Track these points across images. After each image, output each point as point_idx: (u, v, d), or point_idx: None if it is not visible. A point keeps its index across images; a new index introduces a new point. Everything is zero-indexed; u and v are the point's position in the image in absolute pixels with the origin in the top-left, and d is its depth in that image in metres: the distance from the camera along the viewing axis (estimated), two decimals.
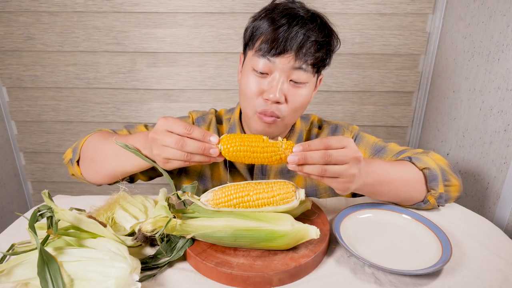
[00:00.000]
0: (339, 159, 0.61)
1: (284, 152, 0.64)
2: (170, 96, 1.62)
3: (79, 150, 0.84)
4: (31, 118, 1.65)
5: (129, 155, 0.74)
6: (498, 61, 1.07)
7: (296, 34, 0.74)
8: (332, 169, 0.61)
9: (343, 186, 0.64)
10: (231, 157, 0.65)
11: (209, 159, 0.65)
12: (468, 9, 1.25)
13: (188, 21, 1.50)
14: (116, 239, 0.61)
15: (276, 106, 0.78)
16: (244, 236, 0.62)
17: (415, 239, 0.70)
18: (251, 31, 0.80)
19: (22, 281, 0.55)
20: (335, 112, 1.63)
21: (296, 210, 0.70)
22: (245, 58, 0.84)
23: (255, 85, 0.78)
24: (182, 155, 0.63)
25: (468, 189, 1.18)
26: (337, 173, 0.62)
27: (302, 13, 0.77)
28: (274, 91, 0.76)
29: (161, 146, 0.64)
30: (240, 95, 0.84)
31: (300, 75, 0.77)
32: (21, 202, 1.78)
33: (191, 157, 0.64)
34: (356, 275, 0.62)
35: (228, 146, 0.64)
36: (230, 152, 0.64)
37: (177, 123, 0.64)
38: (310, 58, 0.76)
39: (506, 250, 0.69)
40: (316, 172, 0.61)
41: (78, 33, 1.50)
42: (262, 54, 0.76)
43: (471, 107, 1.20)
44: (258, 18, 0.79)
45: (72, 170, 0.86)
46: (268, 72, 0.77)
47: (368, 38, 1.50)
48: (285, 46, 0.74)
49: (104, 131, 0.89)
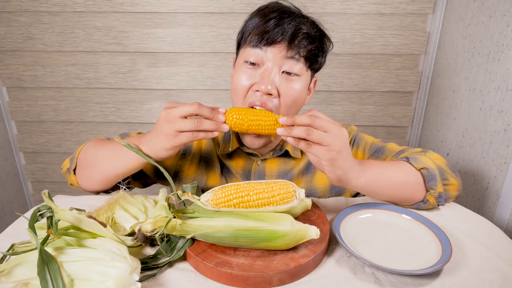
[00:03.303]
0: (324, 125, 0.64)
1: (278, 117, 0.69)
2: (170, 96, 1.62)
3: (75, 158, 0.84)
4: (31, 118, 1.65)
5: (121, 157, 0.75)
6: (498, 61, 1.07)
7: (288, 25, 0.75)
8: (317, 132, 0.64)
9: (329, 155, 0.65)
10: (233, 124, 0.70)
11: (217, 126, 0.68)
12: (468, 9, 1.25)
13: (188, 21, 1.50)
14: (116, 239, 0.61)
15: (268, 98, 0.77)
16: (244, 236, 0.62)
17: (415, 239, 0.70)
18: (242, 30, 0.82)
19: (22, 281, 0.55)
20: (335, 112, 1.63)
21: (296, 210, 0.70)
22: (238, 56, 0.85)
23: (246, 78, 0.78)
24: (192, 122, 0.66)
25: (468, 189, 1.18)
26: (320, 138, 0.64)
27: (294, 9, 0.79)
28: (266, 82, 0.75)
29: (175, 117, 0.67)
30: (231, 92, 0.84)
31: (292, 66, 0.77)
32: (21, 202, 1.78)
33: (202, 123, 0.67)
34: (356, 275, 0.62)
35: (232, 114, 0.70)
36: (233, 119, 0.70)
37: (186, 103, 0.68)
38: (302, 50, 0.77)
39: (506, 250, 0.69)
40: (303, 133, 0.64)
41: (78, 33, 1.50)
42: (254, 45, 0.77)
43: (471, 107, 1.20)
44: (250, 18, 0.81)
45: (70, 180, 0.86)
46: (260, 63, 0.77)
47: (368, 38, 1.50)
48: (277, 35, 0.75)
49: (99, 139, 0.89)
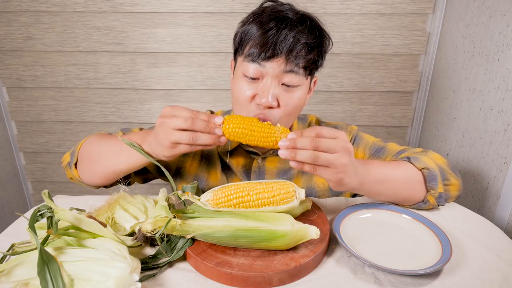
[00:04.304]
0: (329, 146, 0.61)
1: (280, 135, 0.66)
2: (170, 96, 1.62)
3: (76, 153, 0.84)
4: (31, 118, 1.65)
5: (123, 153, 0.75)
6: (498, 61, 1.07)
7: (286, 37, 0.73)
8: (323, 156, 0.61)
9: (336, 177, 0.64)
10: (231, 135, 0.67)
11: (213, 141, 0.67)
12: (468, 9, 1.25)
13: (188, 21, 1.50)
14: (116, 239, 0.61)
15: (269, 111, 0.77)
16: (244, 236, 0.62)
17: (415, 239, 0.70)
18: (240, 37, 0.79)
19: (22, 281, 0.55)
20: (335, 112, 1.63)
21: (296, 210, 0.70)
22: (236, 63, 0.83)
23: (247, 91, 0.78)
24: (188, 137, 0.65)
25: (468, 189, 1.18)
26: (328, 161, 0.61)
27: (291, 15, 0.76)
28: (266, 95, 0.75)
29: (169, 129, 0.65)
30: (232, 101, 0.84)
31: (291, 79, 0.76)
32: (21, 202, 1.78)
33: (197, 138, 0.65)
34: (356, 275, 0.62)
35: (230, 124, 0.67)
36: (231, 129, 0.67)
37: (183, 108, 0.67)
38: (301, 61, 0.75)
39: (506, 250, 0.69)
40: (309, 158, 0.61)
41: (78, 33, 1.50)
42: (252, 59, 0.75)
43: (471, 107, 1.20)
44: (247, 22, 0.78)
45: (70, 174, 0.86)
46: (259, 77, 0.77)
47: (368, 38, 1.50)
48: (275, 50, 0.73)
49: (100, 133, 0.89)
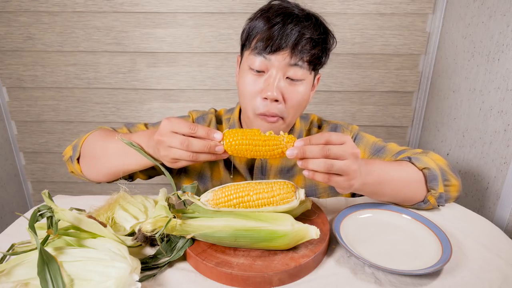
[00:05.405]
0: (338, 154, 0.60)
1: (286, 145, 0.64)
2: (170, 96, 1.62)
3: (79, 147, 0.84)
4: (31, 118, 1.65)
5: (133, 153, 0.75)
6: (498, 61, 1.07)
7: (291, 31, 0.75)
8: (337, 164, 0.60)
9: (347, 184, 0.63)
10: (234, 151, 0.65)
11: (215, 157, 0.66)
12: (468, 9, 1.25)
13: (188, 21, 1.50)
14: (116, 239, 0.61)
15: (275, 105, 0.78)
16: (244, 236, 0.62)
17: (415, 239, 0.70)
18: (247, 32, 0.81)
19: (22, 281, 0.55)
20: (335, 112, 1.63)
21: (296, 210, 0.70)
22: (242, 58, 0.85)
23: (252, 84, 0.79)
24: (188, 155, 0.64)
25: (468, 189, 1.18)
26: (341, 169, 0.61)
27: (297, 11, 0.78)
28: (271, 88, 0.76)
29: (168, 147, 0.65)
30: (239, 96, 0.85)
31: (296, 72, 0.78)
32: (21, 202, 1.78)
33: (197, 157, 0.65)
34: (356, 275, 0.62)
35: (231, 140, 0.64)
36: (233, 146, 0.64)
37: (181, 123, 0.65)
38: (306, 55, 0.77)
39: (506, 250, 0.69)
40: (322, 167, 0.60)
41: (78, 33, 1.50)
42: (258, 52, 0.77)
43: (471, 107, 1.20)
44: (254, 18, 0.80)
45: (72, 168, 0.86)
46: (264, 70, 0.78)
47: (368, 38, 1.50)
48: (280, 43, 0.75)
49: (104, 129, 0.89)
